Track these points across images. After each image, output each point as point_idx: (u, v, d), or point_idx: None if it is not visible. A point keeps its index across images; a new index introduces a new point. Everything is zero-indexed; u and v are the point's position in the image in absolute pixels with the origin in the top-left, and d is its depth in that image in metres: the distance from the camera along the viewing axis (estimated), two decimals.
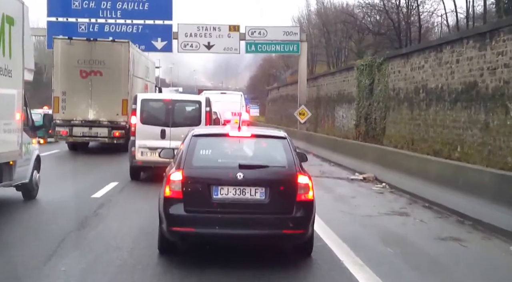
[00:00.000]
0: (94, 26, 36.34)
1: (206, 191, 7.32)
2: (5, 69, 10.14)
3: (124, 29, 36.47)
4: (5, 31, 10.10)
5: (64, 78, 23.24)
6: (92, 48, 23.53)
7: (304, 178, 7.57)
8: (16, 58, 10.68)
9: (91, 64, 23.24)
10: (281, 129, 9.35)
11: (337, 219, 11.01)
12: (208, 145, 8.03)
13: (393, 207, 12.50)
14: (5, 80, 10.21)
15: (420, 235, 9.99)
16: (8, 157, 10.51)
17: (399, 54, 26.01)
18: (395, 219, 11.24)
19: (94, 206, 11.65)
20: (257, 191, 7.37)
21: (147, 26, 36.46)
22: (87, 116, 23.20)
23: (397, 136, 25.06)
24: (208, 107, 15.72)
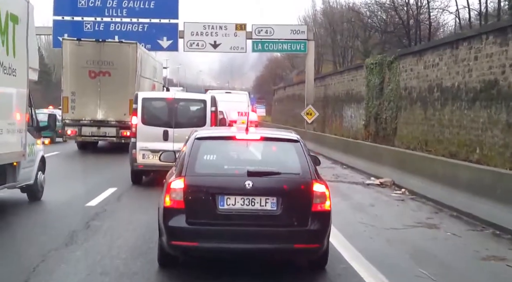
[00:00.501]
0: (100, 25, 34.95)
1: (210, 201, 6.44)
2: (9, 68, 9.66)
3: (130, 28, 35.04)
4: (9, 30, 9.64)
5: (73, 78, 22.99)
6: (101, 49, 23.33)
7: (320, 186, 6.64)
8: (20, 57, 10.21)
9: (99, 65, 23.02)
10: (293, 131, 8.11)
11: (359, 233, 9.48)
12: (212, 149, 7.08)
13: (418, 217, 10.93)
14: (9, 79, 9.74)
15: (456, 253, 8.45)
16: (11, 158, 10.02)
17: (411, 52, 24.43)
18: (423, 233, 9.68)
19: (87, 217, 10.14)
20: (268, 201, 6.48)
21: (153, 25, 35.06)
22: (95, 116, 22.92)
23: (410, 137, 23.47)
24: (214, 107, 14.47)
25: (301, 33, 35.83)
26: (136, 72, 23.31)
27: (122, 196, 12.86)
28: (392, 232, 9.61)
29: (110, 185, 14.01)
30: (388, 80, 26.31)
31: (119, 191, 13.35)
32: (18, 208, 11.02)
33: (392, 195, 13.86)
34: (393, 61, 25.76)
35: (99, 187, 13.70)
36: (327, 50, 51.52)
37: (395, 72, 25.49)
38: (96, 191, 13.03)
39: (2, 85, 9.59)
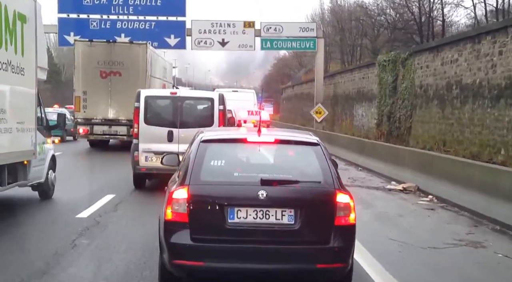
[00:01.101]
0: (106, 22, 33.30)
1: (218, 214, 5.50)
2: (17, 67, 9.40)
3: (137, 25, 33.38)
4: (17, 29, 9.39)
5: (85, 78, 22.92)
6: (112, 49, 23.24)
7: (344, 196, 5.65)
8: (28, 56, 9.94)
9: (110, 65, 22.92)
10: (311, 133, 6.85)
11: (391, 252, 7.78)
12: (220, 153, 6.05)
13: (457, 232, 9.19)
14: (18, 78, 9.51)
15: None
16: (21, 156, 9.85)
17: (427, 48, 22.64)
18: (469, 254, 7.95)
19: (74, 233, 8.47)
20: (285, 213, 5.55)
21: (160, 23, 33.36)
22: (107, 115, 22.83)
23: (426, 137, 21.71)
24: (222, 106, 13.12)
25: (310, 31, 34.09)
26: (146, 72, 23.11)
27: (119, 204, 11.16)
28: (431, 252, 7.88)
29: (108, 191, 12.39)
30: (402, 77, 24.55)
31: (117, 198, 11.69)
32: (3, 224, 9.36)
33: (419, 202, 12.12)
34: (407, 58, 23.99)
35: (96, 193, 12.07)
36: (335, 49, 49.79)
37: (409, 69, 23.73)
38: (91, 198, 11.39)
39: (10, 85, 9.30)
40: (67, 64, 61.31)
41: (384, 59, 26.62)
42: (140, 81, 22.12)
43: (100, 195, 11.80)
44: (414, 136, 22.97)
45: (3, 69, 8.89)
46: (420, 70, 22.78)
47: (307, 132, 6.93)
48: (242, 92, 38.46)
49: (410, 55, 23.79)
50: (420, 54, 22.97)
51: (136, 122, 12.80)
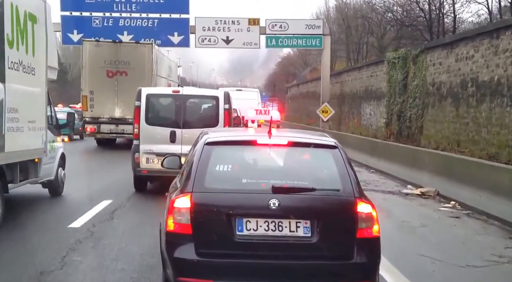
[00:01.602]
0: (109, 20, 32.38)
1: (226, 225, 4.95)
2: (28, 67, 9.46)
3: (140, 23, 32.44)
4: (28, 29, 9.43)
5: (92, 78, 23.10)
6: (118, 49, 23.46)
7: (366, 205, 5.06)
8: (39, 56, 10.01)
9: (116, 64, 23.12)
10: (328, 135, 6.11)
11: (425, 272, 6.75)
12: (227, 157, 5.45)
13: (493, 246, 8.14)
14: (29, 78, 9.57)
15: None
16: (32, 154, 10.02)
17: (440, 44, 21.55)
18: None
19: (64, 247, 7.44)
20: (300, 225, 4.98)
21: (163, 20, 32.42)
22: (113, 114, 22.95)
23: (438, 137, 20.64)
24: (227, 105, 12.32)
25: (317, 28, 33.06)
26: (152, 72, 23.25)
27: (116, 212, 10.13)
28: (471, 272, 6.82)
29: (105, 196, 11.42)
30: (413, 75, 23.48)
31: (114, 204, 10.68)
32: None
33: (441, 209, 11.06)
34: (419, 55, 22.92)
35: (92, 198, 11.10)
36: (340, 47, 48.70)
37: (421, 66, 22.65)
38: (86, 204, 10.43)
39: (22, 84, 9.29)
40: (73, 64, 60.47)
41: (394, 56, 25.55)
42: (146, 81, 21.99)
43: (96, 201, 10.82)
44: (425, 136, 21.91)
45: (15, 69, 8.89)
46: (432, 68, 21.72)
47: (323, 133, 6.33)
48: (246, 92, 37.64)
49: (422, 52, 22.72)
50: (432, 50, 21.89)
51: (136, 122, 12.07)
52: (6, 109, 8.56)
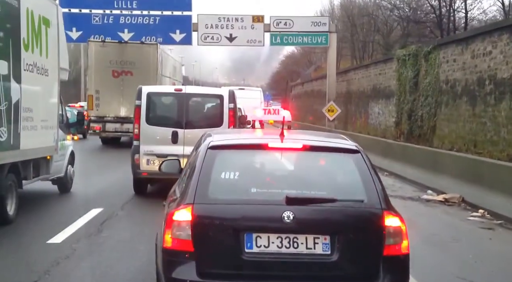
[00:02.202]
0: (109, 17, 31.33)
1: (233, 242, 4.36)
2: (42, 68, 9.91)
3: (140, 20, 31.38)
4: (42, 32, 9.86)
5: (98, 78, 23.41)
6: (123, 50, 23.79)
7: (394, 219, 4.45)
8: (52, 58, 10.47)
9: (122, 64, 23.42)
10: (347, 137, 5.43)
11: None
12: (233, 163, 4.83)
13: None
14: (42, 79, 10.04)
15: None
16: (45, 152, 10.43)
17: (454, 40, 20.43)
18: None
19: (40, 270, 6.33)
20: (318, 241, 4.37)
21: (165, 18, 31.37)
22: (118, 113, 23.17)
23: (453, 137, 19.53)
24: (232, 104, 11.69)
25: (323, 25, 31.96)
26: (157, 71, 23.61)
27: (106, 222, 9.03)
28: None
29: (97, 203, 10.40)
30: (424, 72, 22.36)
31: (105, 214, 9.61)
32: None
33: (469, 219, 9.96)
34: (431, 52, 21.79)
35: (81, 206, 10.05)
36: (345, 45, 47.59)
37: (433, 63, 21.53)
38: (74, 213, 9.42)
39: (36, 85, 9.74)
40: (74, 63, 59.48)
41: (404, 53, 24.44)
42: (151, 80, 22.17)
43: (85, 209, 9.76)
44: (438, 136, 20.80)
45: (30, 70, 9.26)
46: (445, 65, 20.60)
47: (340, 135, 5.60)
48: (249, 90, 37.04)
49: (434, 49, 21.60)
50: (445, 47, 20.78)
51: (137, 122, 11.52)
52: (22, 109, 8.92)
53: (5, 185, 8.71)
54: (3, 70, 8.33)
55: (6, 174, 8.77)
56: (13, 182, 9.08)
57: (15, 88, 8.68)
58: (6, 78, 8.42)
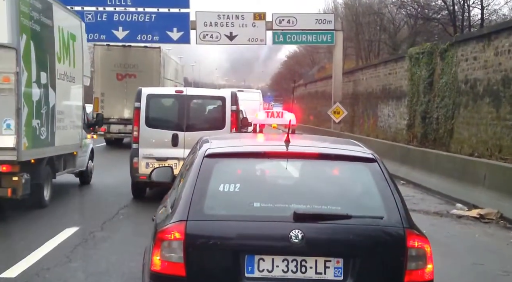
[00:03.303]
0: (102, 15, 29.74)
1: (231, 264, 3.86)
2: (70, 76, 11.72)
3: (136, 18, 29.80)
4: (70, 46, 11.66)
5: (103, 80, 24.23)
6: (127, 53, 24.79)
7: (418, 239, 3.91)
8: (77, 67, 12.28)
9: (126, 68, 24.32)
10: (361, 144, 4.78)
11: None
12: (233, 173, 4.24)
13: None
14: (70, 86, 11.93)
15: None
16: (72, 148, 12.14)
17: (474, 36, 18.90)
18: None
19: None
20: (329, 264, 3.85)
21: (161, 15, 29.78)
22: (122, 115, 23.70)
23: (473, 141, 17.97)
24: (235, 106, 11.53)
25: (328, 23, 30.40)
26: (159, 74, 24.50)
27: (79, 248, 7.44)
28: None
29: (73, 220, 8.81)
30: (440, 72, 20.82)
31: (79, 235, 8.08)
32: None
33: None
34: (447, 49, 20.26)
35: (54, 223, 8.46)
36: (349, 45, 46.04)
37: (450, 62, 19.99)
38: (41, 234, 7.85)
39: (66, 91, 11.55)
40: None
41: (417, 51, 22.92)
42: (154, 83, 22.83)
43: (57, 228, 8.16)
44: (457, 140, 19.24)
45: (61, 79, 11.03)
46: (464, 63, 19.06)
47: (353, 141, 5.03)
48: (248, 92, 36.24)
49: (451, 46, 20.07)
50: (464, 44, 19.24)
51: (136, 125, 11.40)
52: (56, 112, 10.67)
53: (43, 175, 10.44)
54: (43, 80, 10.08)
55: (44, 166, 10.54)
56: (49, 173, 10.89)
57: (52, 94, 10.49)
58: (45, 87, 10.17)
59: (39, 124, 9.91)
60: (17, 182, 9.18)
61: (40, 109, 9.97)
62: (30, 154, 9.60)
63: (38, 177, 10.14)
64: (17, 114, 9.03)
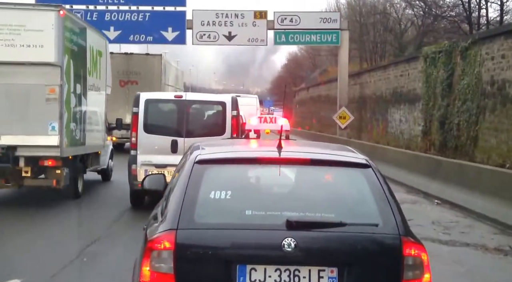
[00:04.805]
0: (93, 14, 27.73)
1: (222, 275, 3.79)
2: (97, 87, 13.88)
3: (128, 17, 27.84)
4: (97, 61, 13.83)
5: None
6: (129, 60, 25.24)
7: (415, 247, 3.84)
8: (102, 79, 14.43)
9: (128, 74, 24.82)
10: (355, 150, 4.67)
11: None
12: (224, 180, 4.22)
13: None
14: (97, 95, 14.01)
15: None
16: (97, 148, 14.15)
17: (502, 32, 16.82)
18: None
19: None
20: (323, 274, 3.78)
21: (156, 14, 27.84)
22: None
23: (503, 150, 15.88)
24: (235, 111, 11.28)
25: (333, 22, 28.38)
26: (161, 81, 25.10)
27: None
28: None
29: (21, 269, 6.67)
30: (461, 72, 18.74)
31: None
32: None
33: None
34: (469, 47, 18.19)
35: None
36: (353, 46, 44.05)
37: (473, 61, 17.93)
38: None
39: (94, 99, 13.64)
40: None
41: (434, 50, 20.87)
42: (155, 89, 22.87)
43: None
44: (482, 149, 17.14)
45: (90, 89, 13.29)
46: (490, 62, 16.99)
47: (347, 147, 4.93)
48: (245, 98, 34.97)
49: (474, 44, 18.00)
50: (490, 41, 17.17)
51: (134, 131, 11.21)
52: (87, 117, 12.81)
53: (78, 169, 12.35)
54: (78, 90, 12.07)
55: (78, 162, 12.42)
56: (82, 168, 12.80)
57: (84, 102, 12.54)
58: (79, 96, 12.17)
59: (75, 126, 11.99)
60: (60, 175, 11.26)
61: (76, 114, 12.07)
62: (69, 151, 11.61)
63: (74, 171, 12.13)
64: (60, 118, 11.10)
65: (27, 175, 11.15)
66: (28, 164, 11.07)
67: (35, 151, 11.05)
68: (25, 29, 11.07)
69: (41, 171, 11.43)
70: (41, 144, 10.99)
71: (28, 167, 11.09)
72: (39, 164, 11.15)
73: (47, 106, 10.97)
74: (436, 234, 8.60)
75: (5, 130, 10.94)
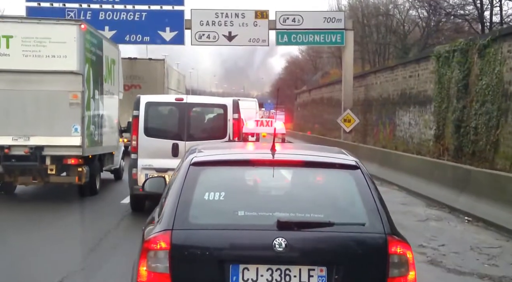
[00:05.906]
0: (86, 13, 26.07)
1: (216, 274, 3.85)
2: (111, 93, 14.95)
3: (124, 16, 26.24)
4: (111, 69, 14.92)
5: None
6: (133, 65, 25.25)
7: (400, 245, 3.90)
8: (115, 84, 15.51)
9: (131, 79, 24.72)
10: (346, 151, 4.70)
11: None
12: (218, 181, 4.29)
13: None
14: (111, 99, 15.03)
15: None
16: (112, 149, 15.14)
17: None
18: None
19: None
20: (313, 273, 3.85)
21: (153, 13, 26.27)
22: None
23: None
24: (237, 114, 11.05)
25: (337, 22, 26.82)
26: (163, 85, 25.37)
27: None
28: None
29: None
30: (479, 72, 17.09)
31: None
32: None
33: None
34: (488, 45, 16.55)
35: None
36: (355, 48, 42.50)
37: (492, 60, 16.28)
38: None
39: (108, 104, 14.63)
40: None
41: (447, 49, 19.23)
42: (158, 93, 22.96)
43: None
44: (504, 155, 15.47)
45: (106, 94, 14.29)
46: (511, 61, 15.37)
47: (338, 149, 4.96)
48: (244, 101, 33.78)
49: (493, 41, 16.36)
50: (511, 37, 15.55)
51: (134, 134, 11.07)
52: (103, 120, 14.00)
53: (96, 168, 13.60)
54: (96, 96, 13.37)
55: (96, 161, 13.64)
56: (99, 167, 14.06)
57: (101, 106, 13.83)
58: (97, 101, 13.47)
59: (94, 128, 13.04)
60: (81, 172, 12.30)
61: (94, 117, 13.13)
62: (89, 151, 12.67)
63: (93, 169, 13.15)
64: (82, 121, 12.18)
65: (52, 172, 12.14)
66: (53, 162, 12.04)
67: (60, 151, 12.07)
68: (50, 41, 12.13)
69: (64, 169, 12.38)
70: (65, 144, 12.03)
71: (53, 165, 12.06)
72: (63, 162, 12.10)
73: (71, 110, 12.04)
74: (481, 266, 6.94)
75: (33, 131, 11.94)
